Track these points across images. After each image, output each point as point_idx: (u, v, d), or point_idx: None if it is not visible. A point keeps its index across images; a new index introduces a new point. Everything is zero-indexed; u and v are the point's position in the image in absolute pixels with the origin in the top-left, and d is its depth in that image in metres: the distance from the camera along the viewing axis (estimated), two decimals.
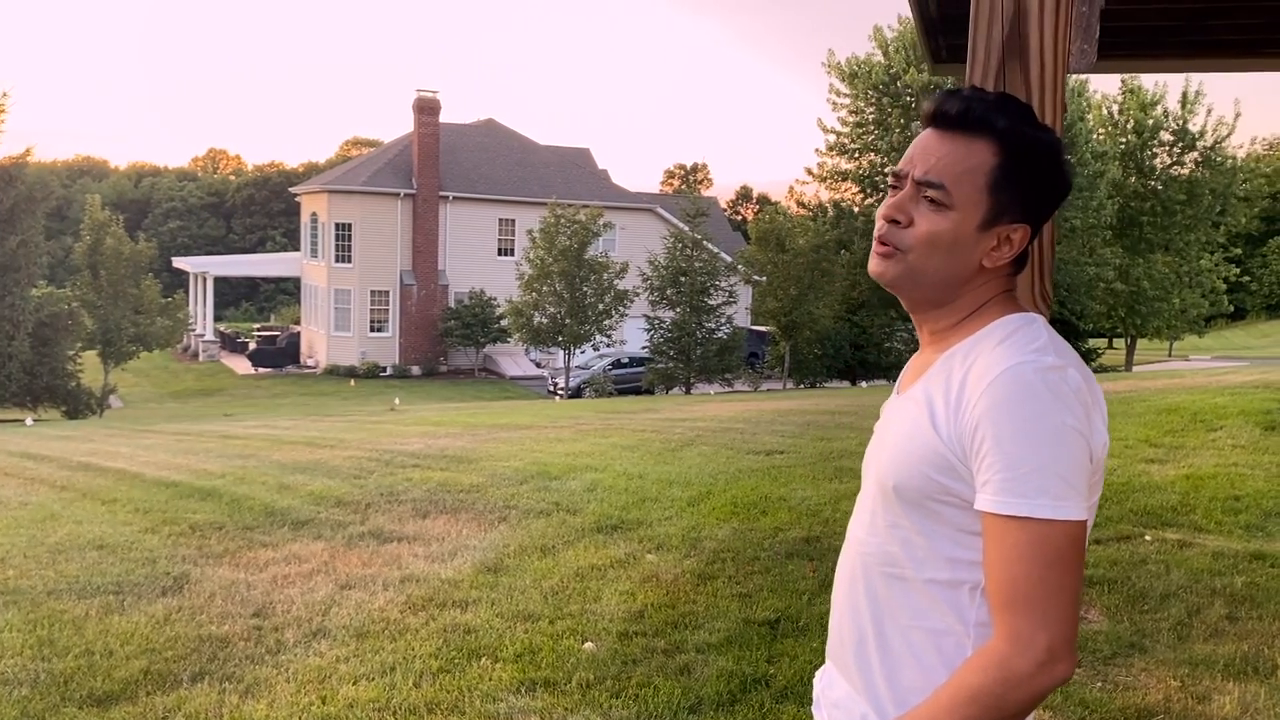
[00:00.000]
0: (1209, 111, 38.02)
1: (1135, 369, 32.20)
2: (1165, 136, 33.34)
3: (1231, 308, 37.85)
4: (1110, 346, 43.78)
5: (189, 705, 3.78)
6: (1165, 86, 34.09)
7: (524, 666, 4.12)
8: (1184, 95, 33.54)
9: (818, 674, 1.60)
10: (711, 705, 3.75)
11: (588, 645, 4.36)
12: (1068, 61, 1.68)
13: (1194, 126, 33.14)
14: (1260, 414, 10.06)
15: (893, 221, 1.39)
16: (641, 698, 3.80)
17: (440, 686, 3.94)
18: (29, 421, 23.35)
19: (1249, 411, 10.20)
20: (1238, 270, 36.51)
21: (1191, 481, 7.30)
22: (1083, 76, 30.07)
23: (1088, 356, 36.39)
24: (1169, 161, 33.54)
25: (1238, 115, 38.03)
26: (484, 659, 4.22)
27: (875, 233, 1.43)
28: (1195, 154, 33.12)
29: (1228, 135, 33.18)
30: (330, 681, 4.00)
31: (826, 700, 1.50)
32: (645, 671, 4.06)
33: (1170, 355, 44.46)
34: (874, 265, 1.43)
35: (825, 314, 29.64)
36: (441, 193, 38.32)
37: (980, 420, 1.27)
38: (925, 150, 1.39)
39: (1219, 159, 33.01)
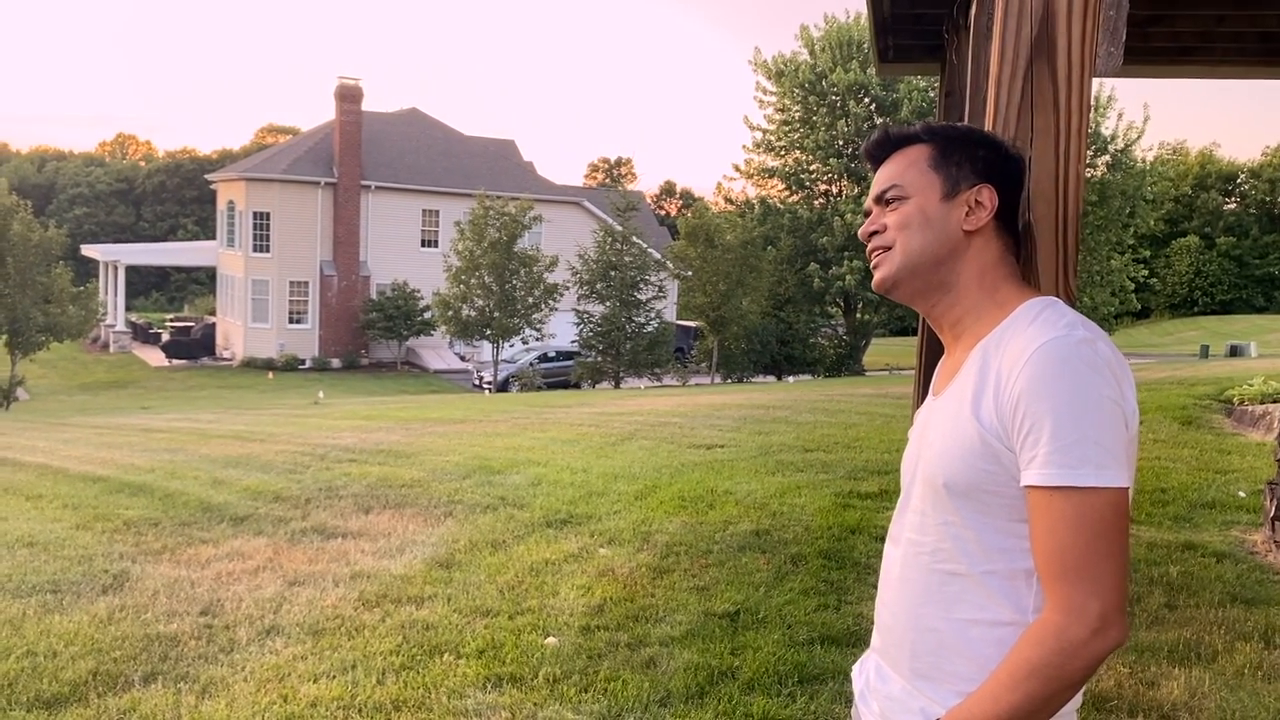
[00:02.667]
0: (1120, 116, 39.33)
1: None
2: None
3: (1139, 306, 39.14)
4: None
5: (144, 706, 3.66)
6: None
7: (487, 662, 4.08)
8: (1096, 99, 34.55)
9: (856, 667, 1.62)
10: (680, 698, 3.76)
11: (550, 640, 4.34)
12: (1094, 64, 1.72)
13: (1106, 130, 34.16)
14: (1176, 409, 10.45)
15: (874, 234, 1.52)
16: (611, 692, 3.80)
17: (404, 684, 3.88)
18: None
19: (1166, 407, 10.58)
20: (1145, 270, 37.77)
21: None
22: None
23: None
24: None
25: (1146, 120, 39.22)
26: (446, 655, 4.16)
27: (867, 255, 1.55)
28: (1107, 157, 34.14)
29: (1137, 139, 34.28)
30: (290, 680, 3.91)
31: (878, 694, 1.52)
32: (611, 665, 4.05)
33: None
34: (875, 278, 1.54)
35: (752, 309, 29.90)
36: (363, 182, 37.70)
37: (1020, 397, 1.30)
38: (875, 181, 1.55)
39: (1129, 162, 34.09)
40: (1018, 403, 1.30)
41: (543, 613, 4.68)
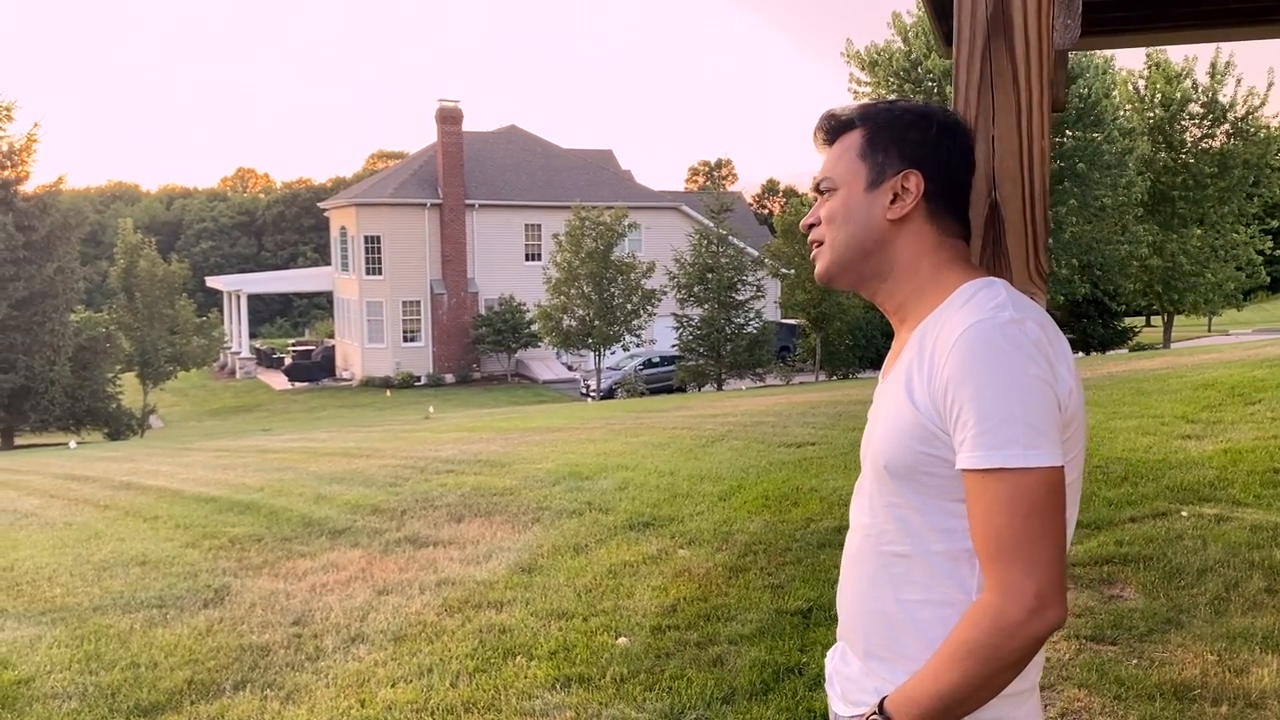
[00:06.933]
0: (1239, 82, 37.46)
1: (1174, 345, 31.79)
2: (1194, 109, 32.86)
3: (1269, 279, 37.16)
4: (1148, 324, 43.21)
5: (232, 713, 3.86)
6: (1195, 59, 33.65)
7: (558, 663, 4.16)
8: (1213, 66, 33.02)
9: (829, 653, 1.63)
10: (745, 695, 3.77)
11: (621, 640, 4.40)
12: (1053, 38, 1.70)
13: (1224, 98, 32.62)
14: None
15: (812, 226, 1.55)
16: (675, 690, 3.83)
17: (476, 686, 3.99)
18: (72, 444, 23.76)
19: None
20: (1271, 242, 35.86)
21: (1229, 456, 7.20)
22: (1107, 53, 29.68)
23: (1124, 335, 35.89)
24: (1199, 134, 33.05)
25: (1270, 85, 37.21)
26: (519, 657, 4.26)
27: (809, 246, 1.60)
28: (1226, 126, 32.60)
29: (1260, 105, 32.63)
30: (369, 685, 4.06)
31: (840, 677, 1.55)
32: (678, 664, 4.09)
33: (1209, 330, 43.81)
34: (815, 272, 1.56)
35: (855, 304, 29.50)
36: (467, 201, 38.55)
37: (948, 382, 1.31)
38: (818, 170, 1.56)
39: (1251, 129, 32.47)
40: (947, 387, 1.31)
41: (617, 614, 4.75)
